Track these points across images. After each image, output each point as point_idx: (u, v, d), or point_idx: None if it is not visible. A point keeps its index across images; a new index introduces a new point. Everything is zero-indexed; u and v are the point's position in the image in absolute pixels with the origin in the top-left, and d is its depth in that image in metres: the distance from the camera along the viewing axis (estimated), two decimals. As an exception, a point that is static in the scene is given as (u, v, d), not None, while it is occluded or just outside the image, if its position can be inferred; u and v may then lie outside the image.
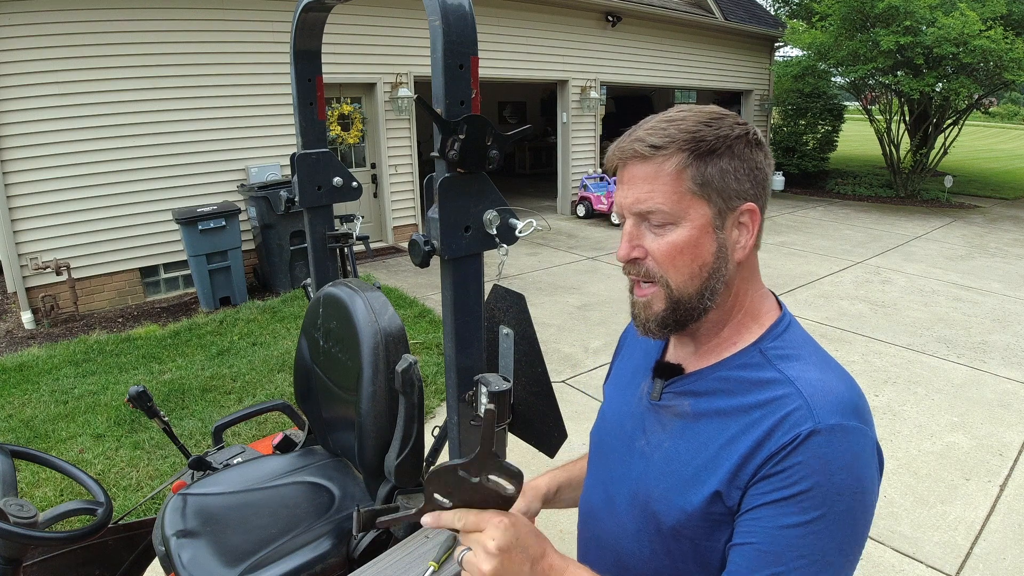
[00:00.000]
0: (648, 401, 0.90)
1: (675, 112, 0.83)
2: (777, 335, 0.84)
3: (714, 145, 0.78)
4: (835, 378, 0.78)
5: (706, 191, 0.79)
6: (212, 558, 1.39)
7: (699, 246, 0.80)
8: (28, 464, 3.12)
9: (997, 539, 2.82)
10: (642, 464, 0.88)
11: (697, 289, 0.81)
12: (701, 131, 0.78)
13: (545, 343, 4.75)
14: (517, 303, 1.32)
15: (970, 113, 12.66)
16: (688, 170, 0.78)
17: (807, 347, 0.83)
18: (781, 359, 0.81)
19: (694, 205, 0.79)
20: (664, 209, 0.79)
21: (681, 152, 0.78)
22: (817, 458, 0.71)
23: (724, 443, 0.78)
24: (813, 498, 0.70)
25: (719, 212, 0.80)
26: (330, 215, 1.93)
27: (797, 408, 0.74)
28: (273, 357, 4.67)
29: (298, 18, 1.63)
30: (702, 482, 0.79)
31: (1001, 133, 35.65)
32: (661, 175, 0.79)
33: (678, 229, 0.79)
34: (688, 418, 0.84)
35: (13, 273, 5.53)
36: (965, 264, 7.69)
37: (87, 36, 5.59)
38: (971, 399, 4.16)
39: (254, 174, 6.63)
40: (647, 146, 0.79)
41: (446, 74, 1.04)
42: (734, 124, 0.80)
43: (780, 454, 0.73)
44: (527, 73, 9.37)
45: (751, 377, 0.81)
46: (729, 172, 0.79)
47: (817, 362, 0.81)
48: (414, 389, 1.39)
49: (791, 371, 0.79)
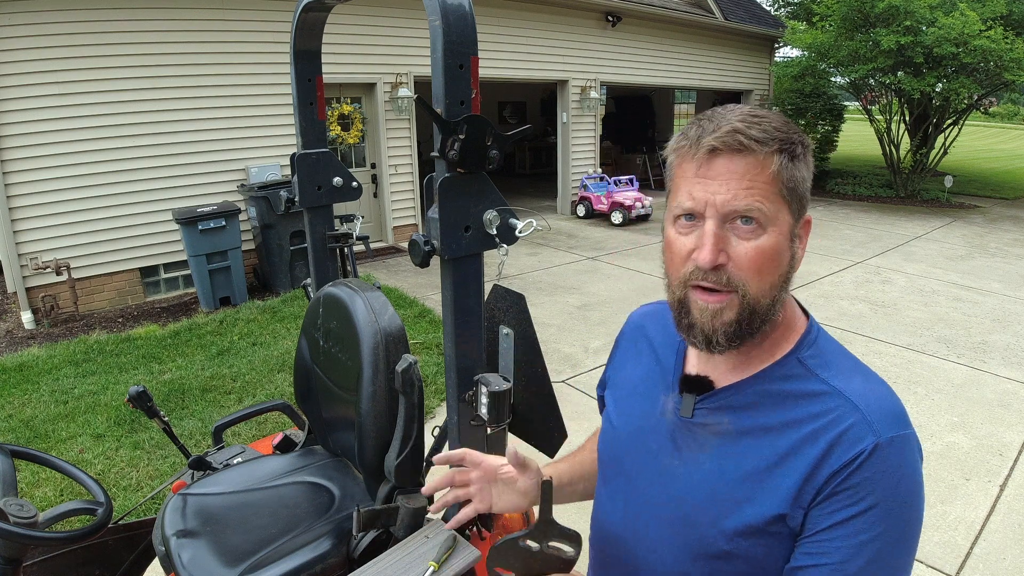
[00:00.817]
0: (677, 418, 0.84)
1: (748, 108, 0.76)
2: (811, 343, 0.80)
3: (797, 150, 0.74)
4: (879, 386, 0.77)
5: (791, 197, 0.75)
6: (212, 558, 1.39)
7: (782, 254, 0.75)
8: (28, 464, 3.12)
9: (997, 539, 2.82)
10: (679, 486, 0.83)
11: (771, 299, 0.76)
12: (786, 132, 0.74)
13: (545, 343, 4.75)
14: (517, 303, 1.32)
15: (970, 113, 12.65)
16: (783, 172, 0.73)
17: (841, 354, 0.81)
18: (822, 368, 0.78)
19: (782, 209, 0.74)
20: (764, 210, 0.73)
21: (779, 152, 0.73)
22: (882, 472, 0.70)
23: (776, 461, 0.75)
24: (881, 511, 0.70)
25: (795, 220, 0.76)
26: (330, 215, 1.93)
27: (855, 423, 0.72)
28: (273, 357, 4.67)
29: (298, 18, 1.63)
30: (758, 503, 0.75)
31: (1001, 133, 35.65)
32: (763, 173, 0.73)
33: (766, 234, 0.73)
34: (730, 436, 0.79)
35: (13, 273, 5.53)
36: (965, 264, 7.69)
37: (87, 36, 5.59)
38: (971, 399, 4.16)
39: (254, 174, 6.63)
40: (750, 139, 0.72)
41: (446, 74, 1.04)
42: (800, 131, 0.76)
43: (845, 471, 0.71)
44: (527, 73, 9.36)
45: (795, 390, 0.77)
46: (805, 180, 0.76)
47: (856, 370, 0.79)
48: (414, 389, 1.39)
49: (837, 382, 0.76)
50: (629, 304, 6.05)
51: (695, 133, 0.75)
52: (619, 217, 9.76)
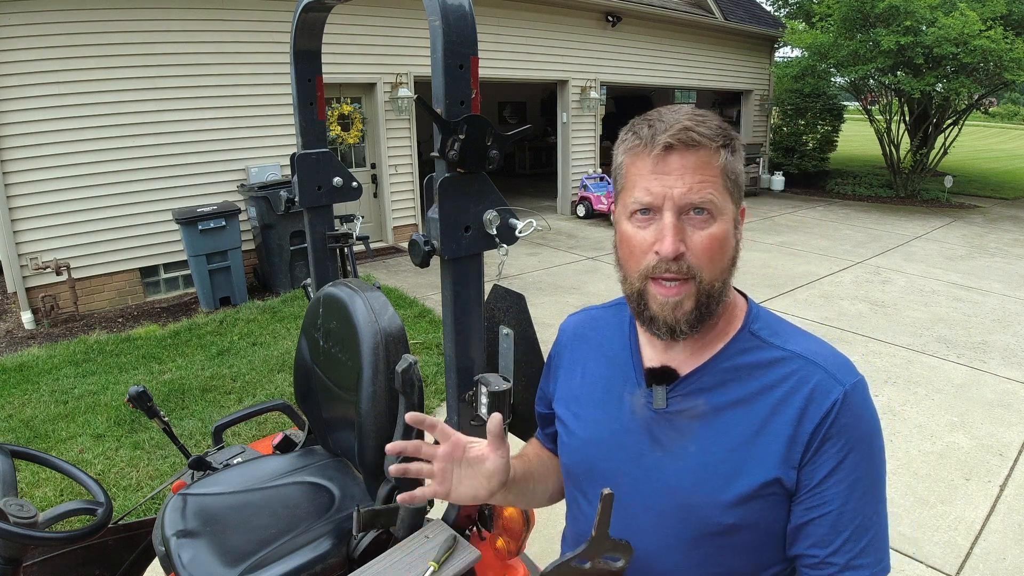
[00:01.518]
0: (651, 412, 0.86)
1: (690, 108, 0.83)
2: (756, 317, 0.87)
3: (735, 145, 0.81)
4: (824, 343, 0.86)
5: (734, 188, 0.81)
6: (212, 558, 1.39)
7: (729, 240, 0.81)
8: (28, 464, 3.12)
9: (997, 539, 2.82)
10: (668, 477, 0.84)
11: (722, 283, 0.82)
12: (728, 130, 0.81)
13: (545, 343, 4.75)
14: (517, 303, 1.32)
15: (970, 113, 12.66)
16: (728, 165, 0.80)
17: (784, 323, 0.89)
18: (773, 336, 0.85)
19: (728, 200, 0.80)
20: (715, 201, 0.78)
21: (724, 147, 0.80)
22: (855, 416, 0.78)
23: (758, 428, 0.80)
24: (862, 450, 0.78)
25: (736, 208, 0.83)
26: (330, 215, 1.93)
27: (821, 378, 0.79)
28: (273, 357, 4.67)
29: (298, 18, 1.63)
30: (749, 472, 0.79)
31: (1001, 133, 35.64)
32: (712, 166, 0.79)
33: (716, 223, 0.79)
34: (708, 416, 0.83)
35: (13, 273, 5.53)
36: (965, 264, 7.69)
37: (87, 36, 5.59)
38: (971, 399, 4.16)
39: (254, 174, 6.63)
40: (701, 135, 0.78)
41: (446, 74, 1.04)
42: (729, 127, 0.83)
43: (826, 423, 0.78)
44: (527, 73, 9.36)
45: (757, 360, 0.83)
46: (742, 172, 0.83)
47: (801, 333, 0.87)
48: (414, 389, 1.39)
49: (791, 346, 0.83)
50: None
51: (648, 132, 0.80)
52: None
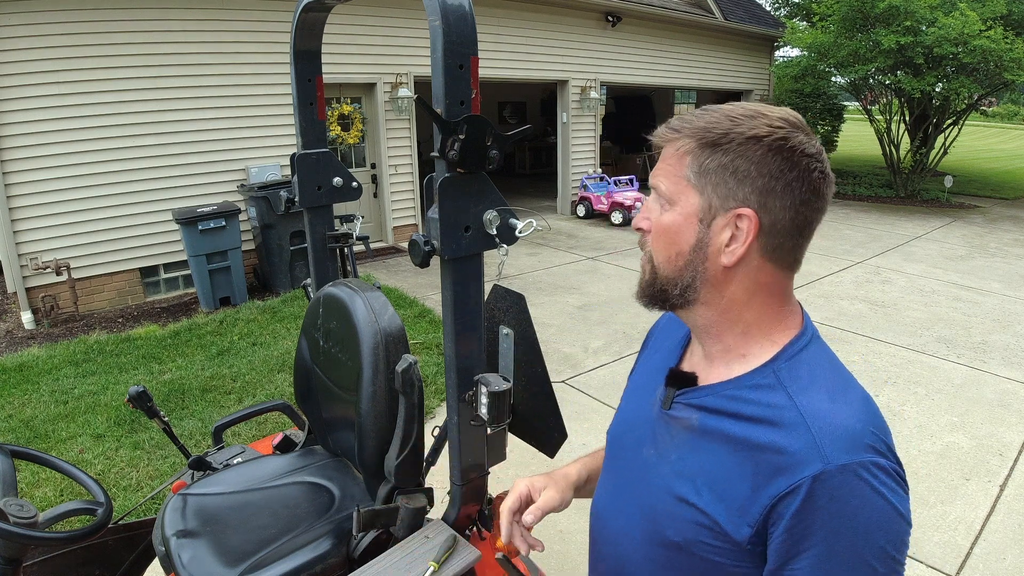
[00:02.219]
0: (659, 409, 0.89)
1: (724, 105, 0.81)
2: (792, 355, 0.79)
3: (719, 139, 0.76)
4: (848, 406, 0.74)
5: (701, 182, 0.78)
6: (212, 558, 1.39)
7: (679, 233, 0.80)
8: (28, 464, 3.12)
9: (997, 539, 2.82)
10: (649, 474, 0.87)
11: (672, 275, 0.82)
12: (718, 123, 0.77)
13: (545, 343, 4.75)
14: (517, 303, 1.32)
15: (970, 113, 12.66)
16: (689, 156, 0.78)
17: (824, 370, 0.79)
18: (792, 380, 0.77)
19: (687, 192, 0.79)
20: (661, 188, 0.81)
21: (689, 138, 0.79)
22: (827, 503, 0.68)
23: (729, 468, 0.77)
24: (833, 545, 0.68)
25: (709, 207, 0.78)
26: (330, 215, 1.93)
27: (803, 447, 0.71)
28: (273, 357, 4.67)
29: (298, 18, 1.63)
30: (704, 501, 0.78)
31: (1001, 133, 35.64)
32: (670, 157, 0.81)
33: (670, 212, 0.81)
34: (695, 432, 0.82)
35: (13, 273, 5.53)
36: (965, 264, 7.69)
37: (87, 36, 5.59)
38: (971, 399, 4.16)
39: (254, 174, 6.63)
40: (667, 128, 0.82)
41: (446, 74, 1.04)
42: (763, 124, 0.75)
43: (788, 502, 0.70)
44: (527, 73, 9.37)
45: (760, 399, 0.77)
46: (727, 169, 0.76)
47: (831, 388, 0.76)
48: (414, 389, 1.39)
49: (800, 397, 0.75)
50: (629, 304, 6.05)
51: None
52: (619, 217, 9.76)
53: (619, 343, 5.07)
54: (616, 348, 4.98)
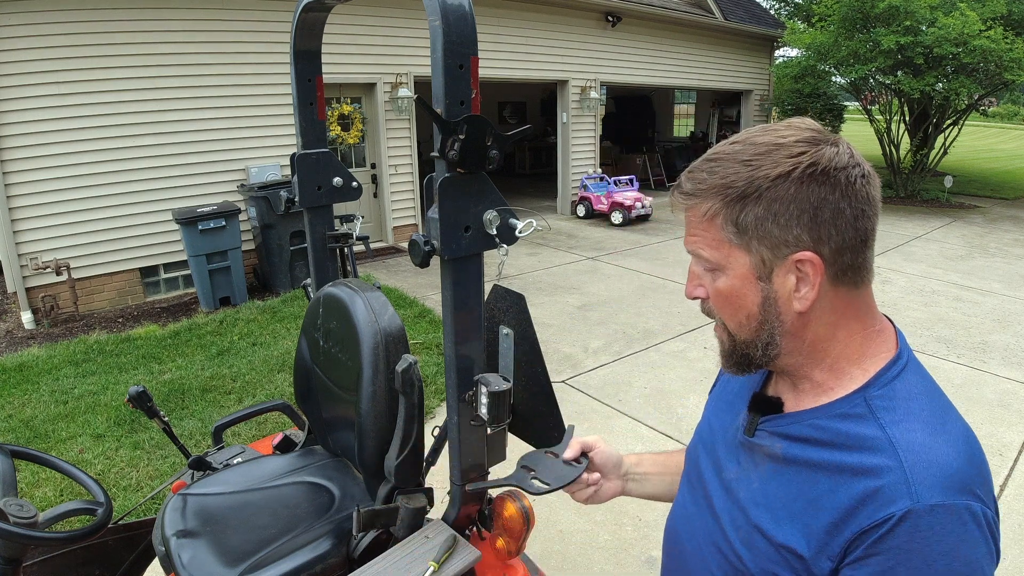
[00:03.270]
0: (742, 435, 0.85)
1: (725, 147, 0.75)
2: (886, 382, 0.74)
3: (745, 190, 0.71)
4: (944, 442, 0.69)
5: (744, 240, 0.73)
6: (212, 558, 1.39)
7: (742, 296, 0.75)
8: (28, 464, 3.12)
9: (997, 539, 2.82)
10: (728, 500, 0.85)
11: (750, 337, 0.77)
12: (735, 173, 0.71)
13: (545, 343, 4.75)
14: (517, 303, 1.32)
15: (970, 113, 12.66)
16: (719, 218, 0.73)
17: (921, 399, 0.73)
18: (886, 411, 0.72)
19: (733, 254, 0.74)
20: (705, 256, 0.76)
21: (711, 199, 0.73)
22: (914, 544, 0.64)
23: (812, 499, 0.73)
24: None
25: (762, 261, 0.73)
26: (330, 215, 1.93)
27: (892, 482, 0.66)
28: (273, 357, 4.67)
29: (298, 18, 1.63)
30: (783, 529, 0.75)
31: (1001, 133, 35.65)
32: (698, 223, 0.76)
33: (723, 276, 0.76)
34: (779, 461, 0.78)
35: (13, 273, 5.53)
36: (965, 264, 7.69)
37: (87, 36, 5.59)
38: (971, 399, 4.16)
39: (254, 174, 6.63)
40: (682, 195, 0.76)
41: (446, 74, 1.04)
42: (784, 158, 0.70)
43: (873, 534, 0.66)
44: (527, 73, 9.37)
45: (849, 431, 0.72)
46: (767, 219, 0.71)
47: (928, 420, 0.71)
48: (414, 389, 1.39)
49: (895, 430, 0.70)
50: (629, 304, 6.05)
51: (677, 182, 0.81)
52: (619, 217, 9.76)
53: (619, 343, 5.07)
54: (616, 348, 4.98)
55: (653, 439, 3.58)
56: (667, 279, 6.86)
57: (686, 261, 0.83)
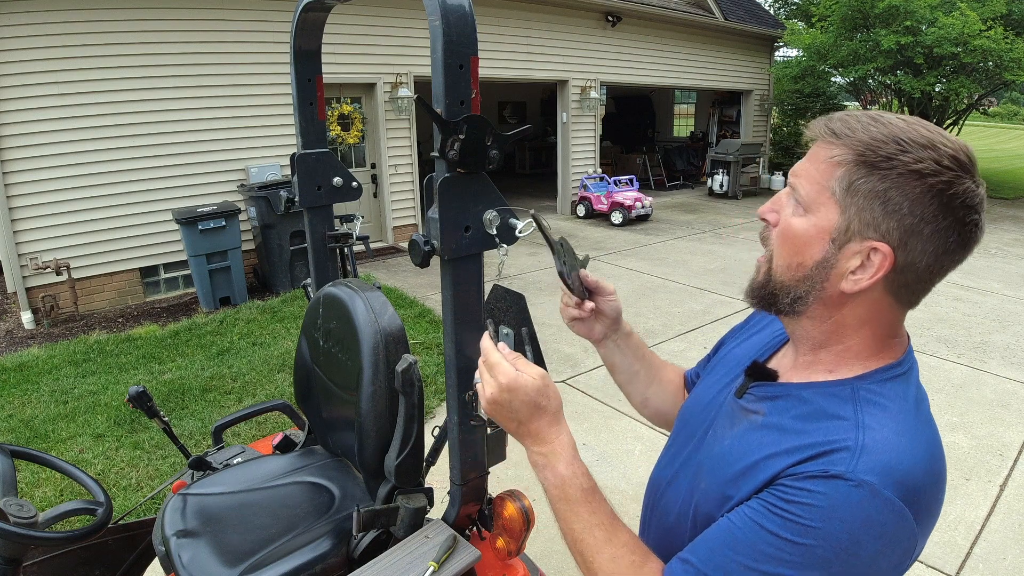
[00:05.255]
0: (732, 397, 0.89)
1: (892, 117, 0.74)
2: (881, 380, 0.76)
3: (880, 162, 0.71)
4: (908, 445, 0.70)
5: (846, 200, 0.73)
6: (212, 558, 1.39)
7: (807, 244, 0.76)
8: (28, 464, 3.12)
9: (997, 539, 2.82)
10: (703, 455, 0.88)
11: (787, 282, 0.79)
12: (884, 145, 0.71)
13: (545, 343, 4.75)
14: (517, 303, 1.32)
15: (970, 113, 12.67)
16: (842, 169, 0.73)
17: (905, 405, 0.75)
18: (869, 404, 0.74)
19: (828, 205, 0.74)
20: (801, 191, 0.76)
21: (848, 149, 0.73)
22: (827, 498, 0.67)
23: (769, 455, 0.75)
24: (801, 529, 0.67)
25: (847, 229, 0.73)
26: (330, 215, 1.93)
27: (843, 456, 0.69)
28: (273, 357, 4.67)
29: (298, 18, 1.63)
30: (739, 487, 0.77)
31: (1001, 133, 35.65)
32: (820, 161, 0.75)
33: (803, 217, 0.76)
34: (755, 426, 0.81)
35: (13, 273, 5.53)
36: (965, 264, 7.64)
37: (87, 36, 5.59)
38: (971, 399, 4.16)
39: (254, 174, 6.63)
40: (827, 129, 0.76)
41: (446, 74, 1.04)
42: (931, 160, 0.69)
43: (799, 476, 0.69)
44: (527, 73, 9.36)
45: (828, 408, 0.75)
46: (879, 197, 0.71)
47: (903, 423, 0.72)
48: (414, 389, 1.39)
49: (868, 419, 0.72)
50: (629, 304, 6.05)
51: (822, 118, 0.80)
52: (619, 217, 9.76)
53: (619, 343, 5.07)
54: (616, 348, 4.98)
55: (652, 439, 3.58)
56: (667, 279, 6.86)
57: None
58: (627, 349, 1.17)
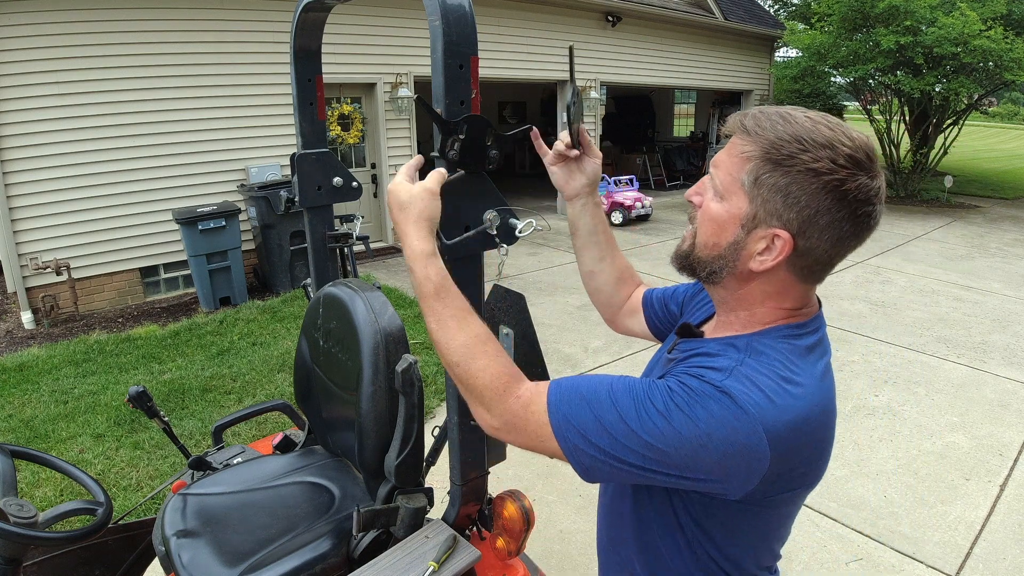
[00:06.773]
0: (665, 354, 1.01)
1: (801, 116, 0.81)
2: (778, 336, 0.86)
3: (782, 160, 0.79)
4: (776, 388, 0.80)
5: (753, 192, 0.82)
6: (212, 558, 1.39)
7: (721, 227, 0.86)
8: (28, 464, 3.12)
9: (997, 539, 2.82)
10: None
11: (704, 258, 0.89)
12: (787, 144, 0.79)
13: (545, 343, 4.75)
14: (517, 303, 1.32)
15: (970, 113, 12.65)
16: (750, 164, 0.82)
17: (793, 357, 0.84)
18: (756, 352, 0.84)
19: (738, 195, 0.83)
20: (717, 180, 0.86)
21: (757, 146, 0.81)
22: (693, 392, 0.78)
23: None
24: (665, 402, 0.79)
25: (753, 217, 0.83)
26: (330, 215, 1.93)
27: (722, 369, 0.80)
28: (273, 357, 4.67)
29: (298, 18, 1.63)
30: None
31: (1001, 133, 35.65)
32: (734, 154, 0.84)
33: (719, 203, 0.86)
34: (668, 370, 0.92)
35: (13, 273, 5.53)
36: (965, 264, 7.69)
37: (87, 36, 5.59)
38: (971, 399, 4.16)
39: (254, 174, 6.63)
40: (741, 124, 0.84)
41: (446, 74, 1.04)
42: (827, 160, 0.77)
43: (678, 374, 0.83)
44: (527, 73, 9.36)
45: (721, 352, 0.86)
46: (781, 191, 0.80)
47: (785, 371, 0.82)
48: (414, 389, 1.39)
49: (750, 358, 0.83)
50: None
51: (739, 113, 0.89)
52: (619, 217, 9.76)
53: (619, 343, 5.07)
54: (616, 348, 4.98)
55: (653, 439, 3.58)
56: (667, 279, 6.86)
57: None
58: (595, 216, 1.24)
